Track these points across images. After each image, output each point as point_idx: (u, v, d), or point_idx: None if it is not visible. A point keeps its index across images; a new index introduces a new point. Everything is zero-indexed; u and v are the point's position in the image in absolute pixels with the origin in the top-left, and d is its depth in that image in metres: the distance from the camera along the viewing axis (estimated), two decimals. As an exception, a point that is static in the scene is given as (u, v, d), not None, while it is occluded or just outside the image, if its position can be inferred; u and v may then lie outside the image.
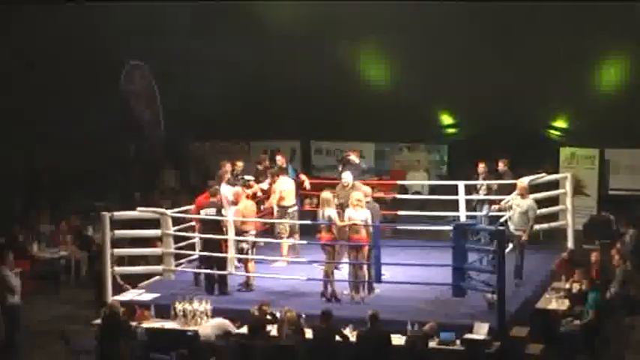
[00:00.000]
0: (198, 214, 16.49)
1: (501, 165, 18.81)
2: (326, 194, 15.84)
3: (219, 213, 16.11)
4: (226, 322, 14.36)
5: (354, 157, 19.31)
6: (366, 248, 15.45)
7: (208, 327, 14.28)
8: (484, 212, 18.19)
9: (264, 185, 18.68)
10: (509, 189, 17.58)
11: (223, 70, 23.34)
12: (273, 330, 14.02)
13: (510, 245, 15.73)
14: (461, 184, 18.30)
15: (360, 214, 15.41)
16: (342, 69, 23.32)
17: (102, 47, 23.74)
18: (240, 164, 18.98)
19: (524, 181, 16.56)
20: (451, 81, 22.33)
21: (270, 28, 23.28)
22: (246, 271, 16.17)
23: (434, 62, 22.41)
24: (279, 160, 18.89)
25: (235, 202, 16.52)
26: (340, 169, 19.92)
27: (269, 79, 23.35)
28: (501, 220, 16.45)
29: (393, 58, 23.31)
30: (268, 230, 18.09)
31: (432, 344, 13.60)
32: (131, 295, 15.99)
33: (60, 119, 24.20)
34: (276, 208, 17.75)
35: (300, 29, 23.09)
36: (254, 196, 17.95)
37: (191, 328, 14.53)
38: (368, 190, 16.55)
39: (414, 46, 22.59)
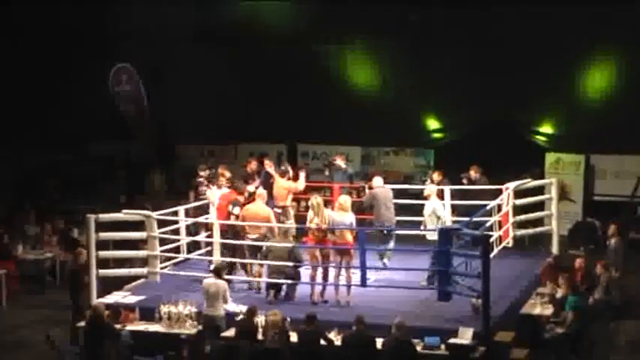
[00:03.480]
0: (227, 209, 16.82)
1: (472, 172, 18.79)
2: (315, 199, 15.89)
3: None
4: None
5: (340, 162, 19.31)
6: (352, 252, 15.47)
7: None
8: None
9: (252, 187, 18.69)
10: (486, 195, 17.67)
11: (211, 73, 23.39)
12: (258, 334, 14.01)
13: None
14: (447, 189, 18.31)
15: (344, 217, 15.43)
16: (329, 73, 23.39)
17: (91, 49, 23.78)
18: (203, 173, 18.87)
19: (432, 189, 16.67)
20: (437, 86, 22.41)
21: (259, 31, 23.36)
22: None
23: (421, 67, 22.50)
24: (267, 163, 18.88)
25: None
26: (327, 173, 19.94)
27: (256, 83, 23.38)
28: (487, 224, 16.46)
29: (380, 62, 23.39)
30: None
31: (417, 349, 13.60)
32: (116, 297, 15.95)
33: (48, 121, 24.23)
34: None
35: (288, 33, 23.17)
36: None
37: (175, 331, 14.54)
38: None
39: (402, 51, 22.68)
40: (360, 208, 17.58)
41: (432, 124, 23.57)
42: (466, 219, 16.31)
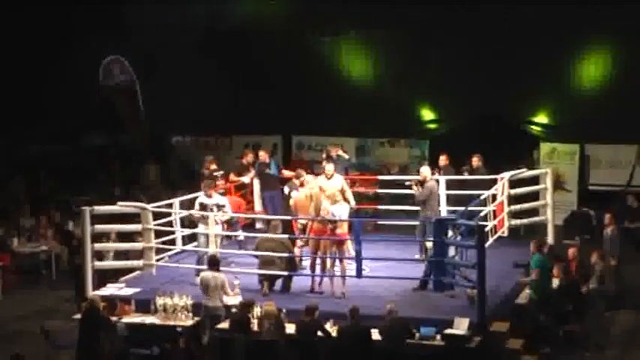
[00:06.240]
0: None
1: (475, 161, 18.84)
2: (311, 190, 15.92)
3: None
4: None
5: (342, 153, 19.29)
6: (347, 242, 15.47)
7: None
8: None
9: (246, 179, 18.80)
10: (485, 185, 17.69)
11: (205, 65, 23.39)
12: (253, 325, 14.01)
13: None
14: (442, 179, 18.33)
15: (342, 209, 15.44)
16: (324, 64, 23.38)
17: (83, 41, 23.76)
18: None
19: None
20: (432, 76, 22.40)
21: (254, 22, 23.35)
22: None
23: (415, 57, 22.49)
24: (262, 155, 18.91)
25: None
26: (324, 163, 19.94)
27: (251, 74, 23.35)
28: (481, 214, 16.47)
29: (374, 53, 23.38)
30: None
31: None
32: (112, 289, 15.95)
33: (41, 113, 24.20)
34: None
35: (282, 24, 23.15)
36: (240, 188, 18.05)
37: (171, 322, 14.55)
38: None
39: (396, 41, 22.67)
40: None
41: (427, 114, 23.54)
42: (460, 209, 16.33)
